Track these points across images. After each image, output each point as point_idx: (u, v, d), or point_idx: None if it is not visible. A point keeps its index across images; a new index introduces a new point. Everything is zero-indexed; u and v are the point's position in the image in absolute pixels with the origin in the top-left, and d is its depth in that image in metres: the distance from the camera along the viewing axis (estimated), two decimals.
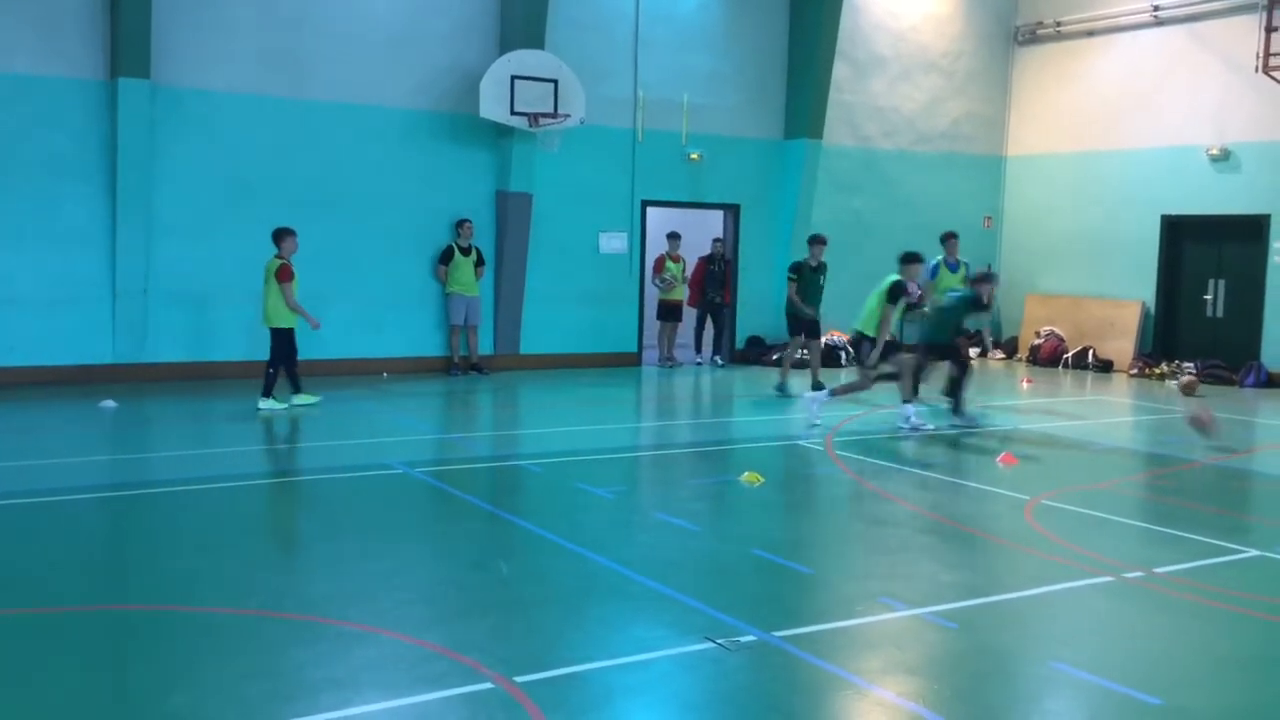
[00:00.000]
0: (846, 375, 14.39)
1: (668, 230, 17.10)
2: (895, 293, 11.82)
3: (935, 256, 14.31)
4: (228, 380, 13.82)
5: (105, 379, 13.31)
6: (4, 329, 12.89)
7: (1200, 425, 11.46)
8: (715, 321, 17.56)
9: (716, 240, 17.41)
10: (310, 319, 11.91)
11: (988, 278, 12.76)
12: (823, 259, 14.42)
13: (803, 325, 14.37)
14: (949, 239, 14.67)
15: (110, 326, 13.48)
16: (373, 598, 6.02)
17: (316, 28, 14.35)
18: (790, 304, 14.31)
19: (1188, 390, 15.06)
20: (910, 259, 12.25)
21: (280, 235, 11.84)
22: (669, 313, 17.04)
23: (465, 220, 15.11)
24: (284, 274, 11.66)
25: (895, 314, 12.01)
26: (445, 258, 15.03)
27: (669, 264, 16.90)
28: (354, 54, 14.60)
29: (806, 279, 14.31)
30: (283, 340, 11.88)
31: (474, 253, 15.13)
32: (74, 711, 4.60)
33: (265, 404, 11.81)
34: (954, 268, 14.44)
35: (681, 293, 17.00)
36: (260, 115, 14.10)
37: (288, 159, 14.30)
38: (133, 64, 13.06)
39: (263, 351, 14.08)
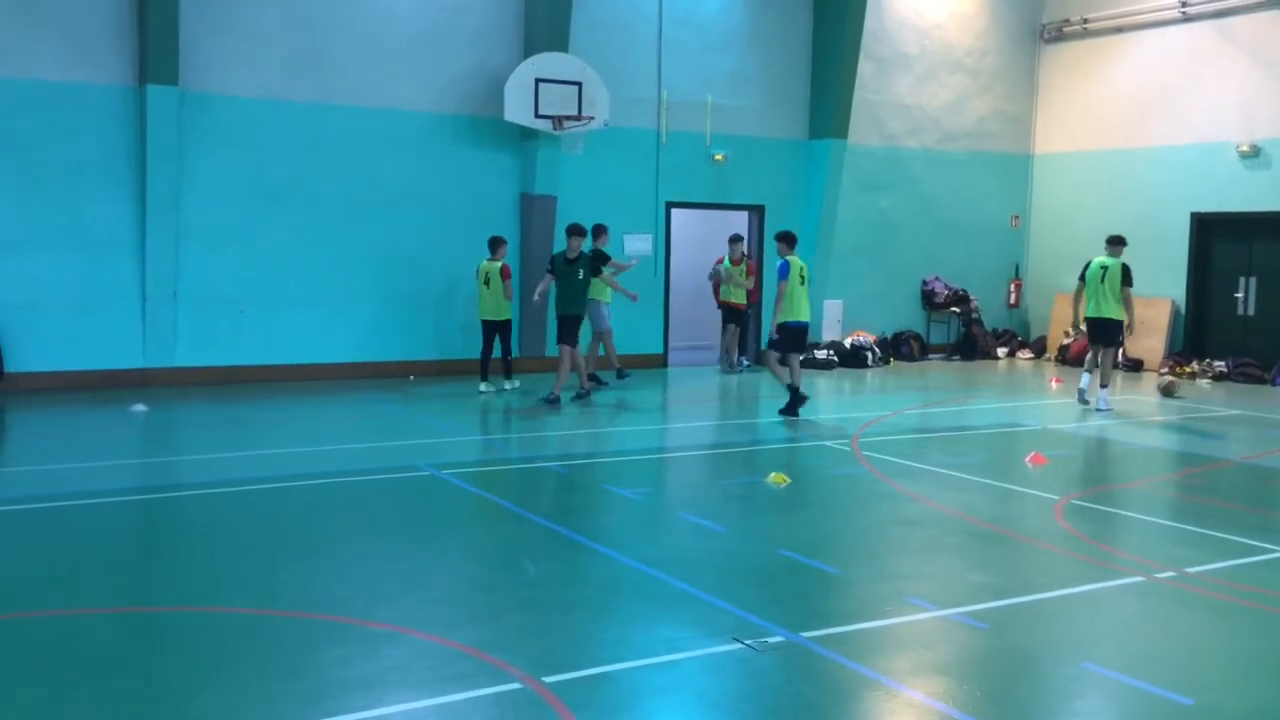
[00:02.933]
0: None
1: (730, 234, 16.67)
2: (1130, 275, 13.05)
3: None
4: (256, 384, 13.91)
5: (135, 383, 13.42)
6: (35, 334, 13.02)
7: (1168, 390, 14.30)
8: (737, 323, 17.43)
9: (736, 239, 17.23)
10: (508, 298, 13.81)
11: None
12: (583, 251, 13.19)
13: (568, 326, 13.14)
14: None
15: (140, 331, 13.60)
16: (401, 598, 6.04)
17: (341, 33, 14.43)
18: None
19: (1168, 391, 14.82)
20: (1121, 240, 13.24)
21: (497, 243, 13.78)
22: (732, 316, 16.61)
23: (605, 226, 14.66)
24: (506, 273, 13.63)
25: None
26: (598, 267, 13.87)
27: (730, 266, 16.38)
28: (379, 58, 14.68)
29: (558, 272, 13.15)
30: (508, 330, 13.78)
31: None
32: (104, 711, 4.64)
33: (510, 383, 13.95)
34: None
35: (742, 295, 16.46)
36: (286, 120, 14.19)
37: (313, 163, 14.38)
38: (160, 71, 13.16)
39: (291, 357, 14.24)
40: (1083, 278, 13.30)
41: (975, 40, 19.26)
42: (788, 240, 12.49)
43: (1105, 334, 13.13)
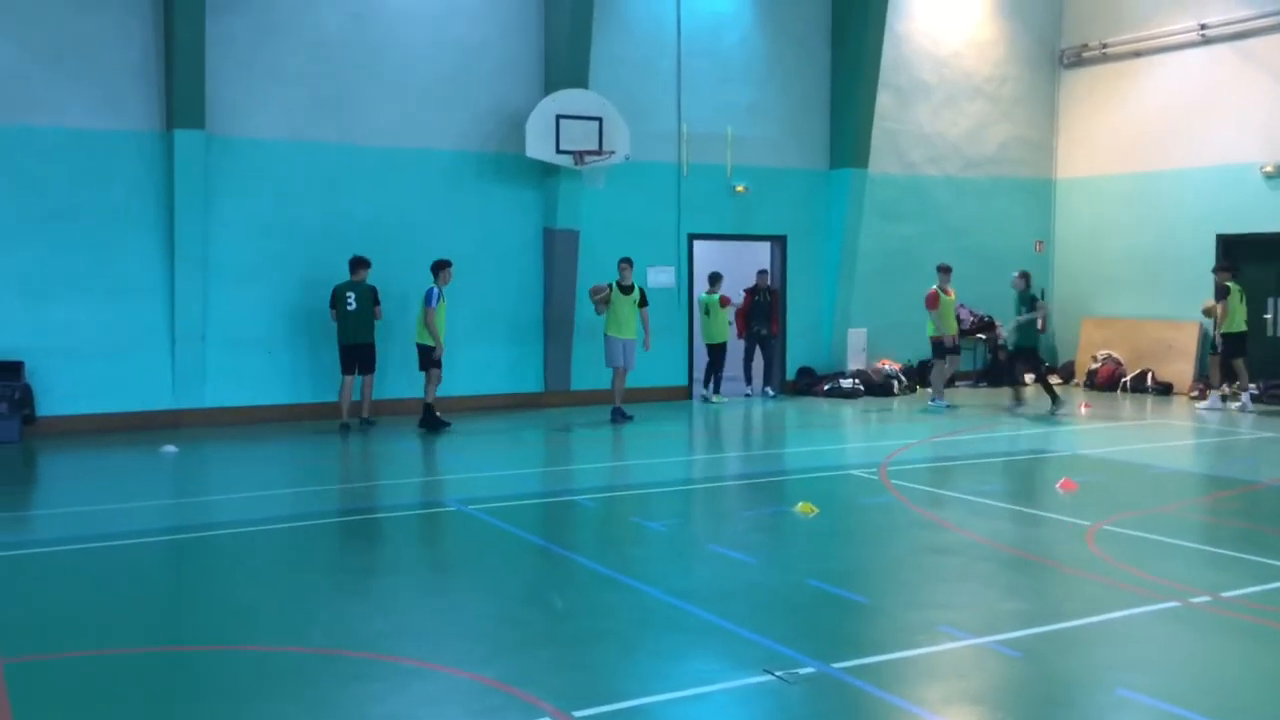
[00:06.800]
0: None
1: (940, 263, 16.48)
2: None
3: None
4: (284, 424, 13.99)
5: (166, 424, 13.53)
6: (65, 377, 13.15)
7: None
8: (764, 353, 17.45)
9: (761, 272, 17.35)
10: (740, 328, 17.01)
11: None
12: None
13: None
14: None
15: (170, 373, 13.72)
16: (430, 633, 6.05)
17: (364, 74, 14.60)
18: None
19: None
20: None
21: (715, 277, 16.60)
22: (949, 349, 16.31)
23: (627, 258, 14.65)
24: (725, 301, 16.59)
25: None
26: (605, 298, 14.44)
27: (943, 298, 16.19)
28: (402, 99, 14.84)
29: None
30: (720, 351, 16.66)
31: (636, 292, 14.60)
32: None
33: (716, 397, 16.50)
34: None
35: (953, 326, 16.21)
36: (311, 161, 14.34)
37: (339, 204, 14.52)
38: (187, 115, 13.35)
39: (319, 395, 14.40)
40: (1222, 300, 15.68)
41: (994, 67, 19.29)
42: (436, 269, 13.58)
43: (1245, 345, 15.71)
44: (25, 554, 7.91)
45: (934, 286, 16.34)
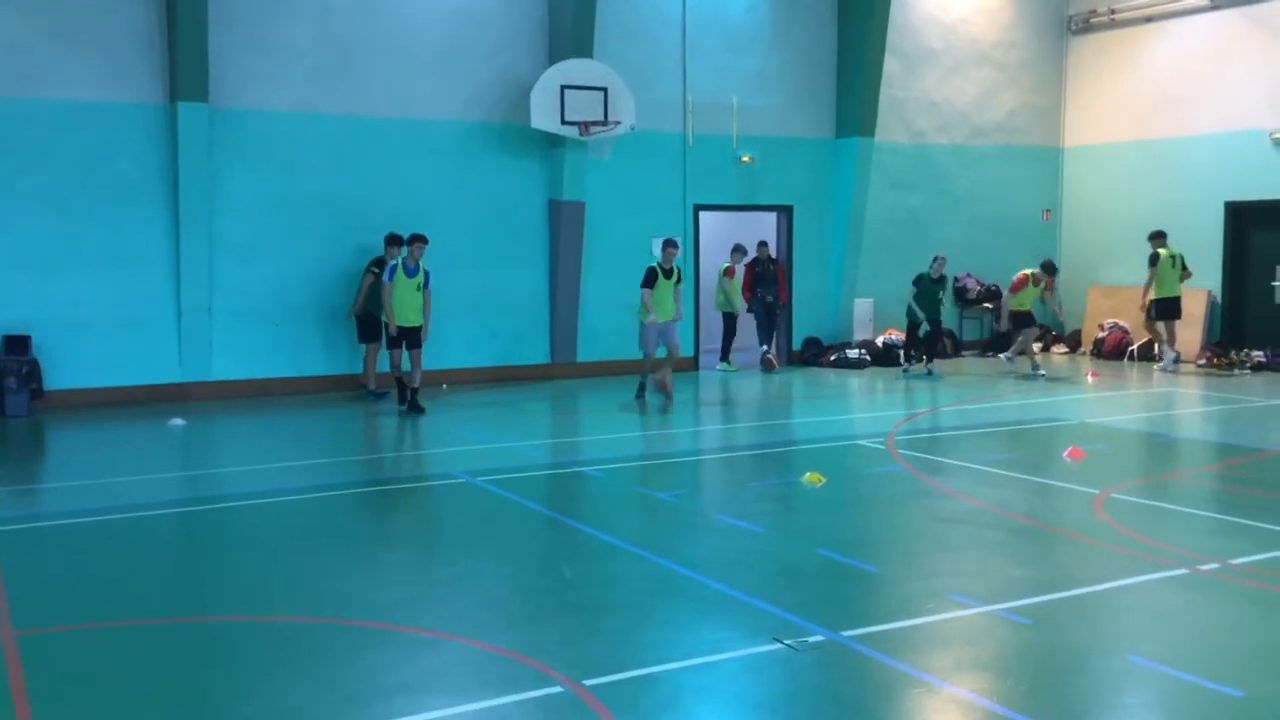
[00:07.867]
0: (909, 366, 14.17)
1: (1046, 259, 16.74)
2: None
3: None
4: (291, 396, 14.02)
5: (173, 398, 13.55)
6: (73, 351, 13.16)
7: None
8: (769, 320, 17.28)
9: (762, 243, 17.09)
10: (747, 300, 16.98)
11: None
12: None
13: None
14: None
15: (176, 346, 13.73)
16: (441, 604, 6.08)
17: (368, 45, 14.52)
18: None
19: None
20: None
21: (733, 249, 16.87)
22: (1023, 321, 16.53)
23: (672, 240, 13.90)
24: (730, 274, 16.80)
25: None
26: (649, 280, 13.51)
27: (1030, 288, 16.32)
28: (406, 69, 14.76)
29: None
30: (733, 320, 16.96)
31: (676, 274, 13.89)
32: None
33: (721, 365, 16.82)
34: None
35: (1029, 302, 16.41)
36: (316, 133, 14.29)
37: (344, 175, 14.47)
38: (191, 88, 13.29)
39: (325, 368, 14.39)
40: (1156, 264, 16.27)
41: (1001, 33, 19.14)
42: (414, 241, 12.80)
43: (1177, 309, 16.53)
44: (36, 527, 7.95)
45: (1025, 271, 16.52)
